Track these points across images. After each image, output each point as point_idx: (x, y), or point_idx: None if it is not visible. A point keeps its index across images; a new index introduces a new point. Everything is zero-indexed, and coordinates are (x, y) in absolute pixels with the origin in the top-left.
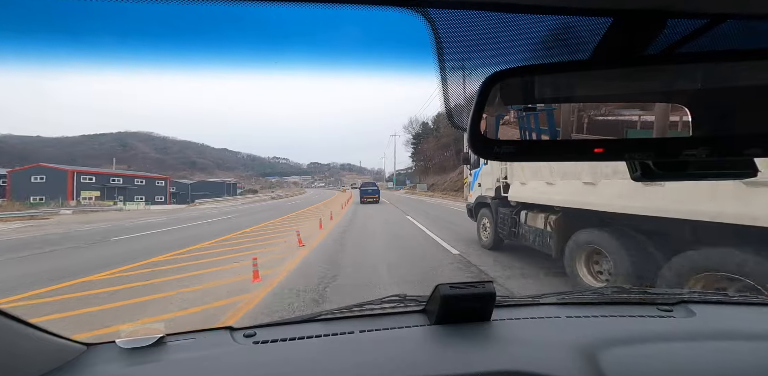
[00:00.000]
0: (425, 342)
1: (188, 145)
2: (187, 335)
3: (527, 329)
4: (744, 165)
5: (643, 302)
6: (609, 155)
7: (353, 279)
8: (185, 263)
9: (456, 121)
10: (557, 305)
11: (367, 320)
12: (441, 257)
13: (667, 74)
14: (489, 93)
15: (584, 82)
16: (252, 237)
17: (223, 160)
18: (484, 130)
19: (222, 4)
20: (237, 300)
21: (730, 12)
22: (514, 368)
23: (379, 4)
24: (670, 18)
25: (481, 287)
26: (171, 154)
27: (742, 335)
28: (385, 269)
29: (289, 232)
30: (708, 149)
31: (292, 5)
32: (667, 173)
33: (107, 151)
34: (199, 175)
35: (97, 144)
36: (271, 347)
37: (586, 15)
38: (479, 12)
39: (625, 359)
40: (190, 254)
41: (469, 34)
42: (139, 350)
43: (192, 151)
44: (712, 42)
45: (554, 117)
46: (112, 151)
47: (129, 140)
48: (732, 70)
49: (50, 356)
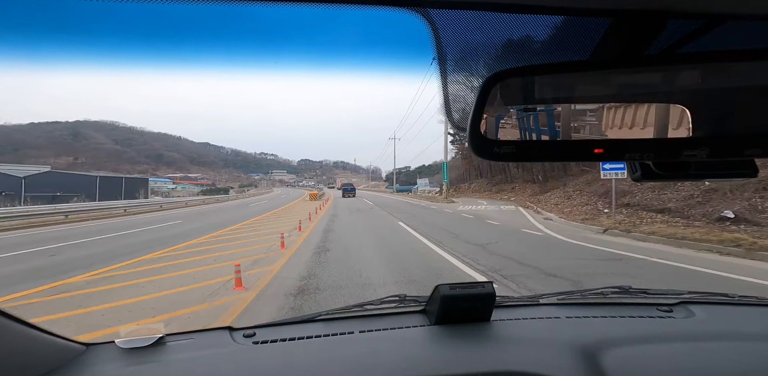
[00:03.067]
0: (425, 342)
1: (160, 137)
2: (186, 335)
3: (527, 330)
4: (744, 165)
5: (643, 303)
6: (609, 155)
7: None
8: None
9: (456, 122)
10: (557, 306)
11: (366, 320)
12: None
13: (667, 74)
14: (489, 93)
15: (584, 82)
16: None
17: (199, 154)
18: (484, 130)
19: (223, 4)
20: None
21: (730, 12)
22: (513, 368)
23: (379, 4)
24: (669, 18)
25: (481, 287)
26: (135, 147)
27: (741, 336)
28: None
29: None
30: (708, 150)
31: (293, 5)
32: (668, 174)
33: (53, 141)
34: (165, 171)
35: (43, 133)
36: (270, 347)
37: (586, 15)
38: (479, 12)
39: (625, 359)
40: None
41: (469, 34)
42: (139, 350)
43: (162, 143)
44: (712, 42)
45: (554, 117)
46: (59, 140)
47: (83, 129)
48: (732, 71)
49: (50, 356)
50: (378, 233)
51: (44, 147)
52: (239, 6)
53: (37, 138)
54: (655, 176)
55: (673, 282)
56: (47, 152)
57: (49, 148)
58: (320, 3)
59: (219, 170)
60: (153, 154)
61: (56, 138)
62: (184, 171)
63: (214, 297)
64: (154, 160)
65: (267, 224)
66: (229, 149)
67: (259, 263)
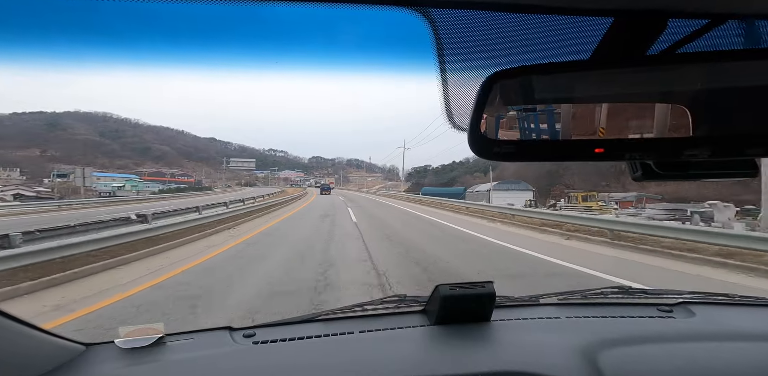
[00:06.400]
0: (425, 342)
1: (157, 130)
2: (186, 335)
3: (527, 330)
4: (746, 165)
5: (643, 303)
6: (610, 155)
7: None
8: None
9: (456, 122)
10: (557, 306)
11: (366, 321)
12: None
13: (668, 74)
14: (489, 93)
15: (584, 82)
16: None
17: (197, 149)
18: (484, 130)
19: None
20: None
21: (731, 12)
22: (514, 368)
23: (379, 4)
24: (670, 18)
25: (481, 287)
26: (123, 139)
27: (741, 336)
28: None
29: None
30: (709, 149)
31: (294, 5)
32: (669, 173)
33: (23, 131)
34: (149, 166)
35: (20, 122)
36: (270, 347)
37: (586, 15)
38: (480, 12)
39: (625, 359)
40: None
41: (469, 34)
42: (138, 350)
43: (155, 136)
44: (712, 42)
45: (554, 117)
46: (30, 131)
47: (63, 120)
48: (733, 70)
49: (49, 356)
50: None
51: (9, 138)
52: (253, 6)
53: (6, 128)
54: (656, 176)
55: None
56: (10, 143)
57: (13, 140)
58: (321, 3)
59: (218, 167)
60: (140, 147)
61: (27, 128)
62: (176, 167)
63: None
64: (139, 154)
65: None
66: (237, 145)
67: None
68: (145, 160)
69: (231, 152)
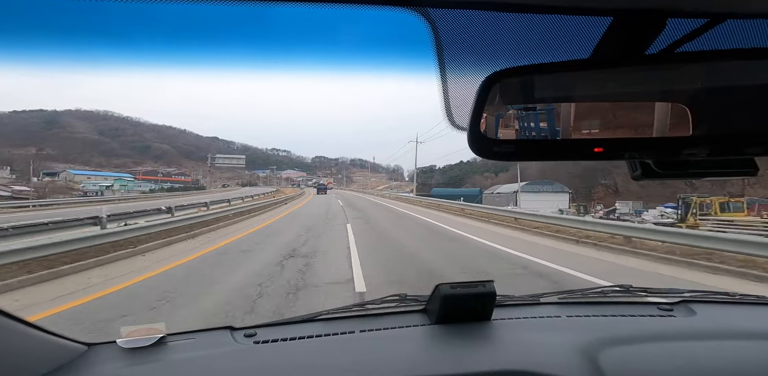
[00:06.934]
0: (425, 342)
1: (159, 129)
2: (187, 335)
3: (528, 329)
4: (745, 164)
5: (644, 302)
6: (609, 155)
7: None
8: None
9: (456, 121)
10: (557, 305)
11: (367, 320)
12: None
13: (668, 74)
14: (489, 93)
15: (584, 82)
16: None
17: (198, 148)
18: (484, 129)
19: (229, 5)
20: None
21: (730, 11)
22: (514, 367)
23: (379, 5)
24: (670, 17)
25: (481, 286)
26: (121, 138)
27: (742, 335)
28: None
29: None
30: (708, 148)
31: (294, 5)
32: (668, 172)
33: (19, 129)
34: (149, 165)
35: (18, 120)
36: (271, 346)
37: (586, 15)
38: (479, 12)
39: (625, 358)
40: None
41: (469, 34)
42: (140, 350)
43: (156, 135)
44: (712, 42)
45: (554, 116)
46: (27, 129)
47: (62, 118)
48: (732, 70)
49: (51, 355)
50: None
51: (6, 136)
52: (254, 7)
53: (4, 126)
54: (656, 175)
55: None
56: (6, 141)
57: (10, 138)
58: (321, 3)
59: (218, 166)
60: (140, 145)
61: (25, 126)
62: (174, 166)
63: None
64: (138, 152)
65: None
66: (240, 144)
67: None
68: (144, 159)
69: (233, 151)
